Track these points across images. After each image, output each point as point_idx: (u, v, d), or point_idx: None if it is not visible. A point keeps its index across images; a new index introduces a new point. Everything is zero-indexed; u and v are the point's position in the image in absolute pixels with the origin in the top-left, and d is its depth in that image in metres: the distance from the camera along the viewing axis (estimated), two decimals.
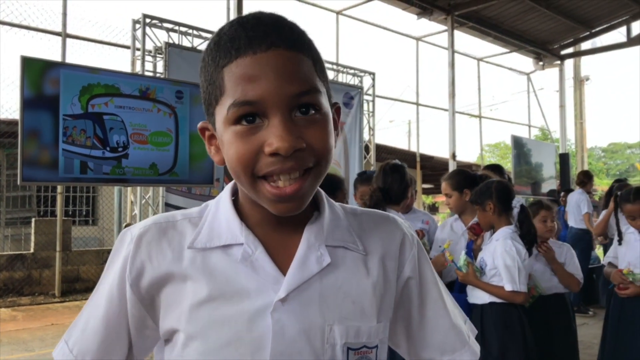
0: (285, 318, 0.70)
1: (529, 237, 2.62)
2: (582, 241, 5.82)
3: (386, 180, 2.71)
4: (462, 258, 2.63)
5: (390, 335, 0.82)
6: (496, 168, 3.92)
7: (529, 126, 14.39)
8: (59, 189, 7.34)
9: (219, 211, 0.78)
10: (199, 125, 0.79)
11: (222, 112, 0.70)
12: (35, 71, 3.73)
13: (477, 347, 0.87)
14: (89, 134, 3.97)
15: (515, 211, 2.66)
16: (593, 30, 12.30)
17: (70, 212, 10.04)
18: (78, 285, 7.55)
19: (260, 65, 0.67)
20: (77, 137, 3.89)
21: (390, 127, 13.37)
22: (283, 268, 0.73)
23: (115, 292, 0.76)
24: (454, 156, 9.92)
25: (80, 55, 7.73)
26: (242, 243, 0.73)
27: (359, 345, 0.74)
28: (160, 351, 0.80)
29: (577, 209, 6.27)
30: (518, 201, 2.66)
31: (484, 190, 2.71)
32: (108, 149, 4.06)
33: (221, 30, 0.71)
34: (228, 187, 0.80)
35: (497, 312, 2.56)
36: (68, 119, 3.87)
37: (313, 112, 0.69)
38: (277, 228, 0.76)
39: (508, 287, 2.50)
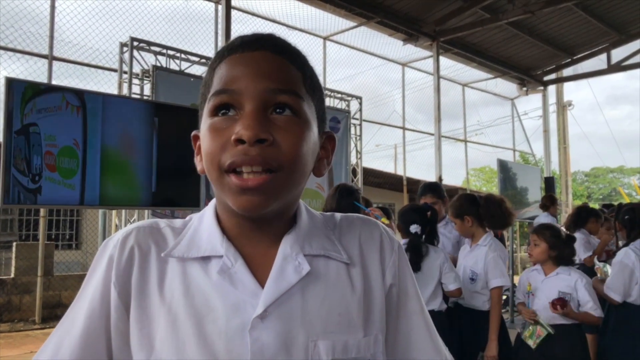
0: (264, 336, 0.65)
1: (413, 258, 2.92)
2: None
3: (340, 203, 2.77)
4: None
5: None
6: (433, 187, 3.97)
7: (514, 150, 14.55)
8: (42, 212, 7.21)
9: (202, 224, 0.75)
10: (192, 133, 0.77)
11: (206, 108, 0.70)
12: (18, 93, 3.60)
13: None
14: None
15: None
16: (574, 57, 12.58)
17: (53, 236, 9.86)
18: (59, 312, 7.36)
19: (245, 60, 0.68)
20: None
21: (377, 150, 13.37)
22: (263, 282, 0.69)
23: (98, 302, 0.70)
24: (440, 180, 9.98)
25: (66, 78, 7.70)
26: (221, 255, 0.70)
27: None
28: None
29: None
30: (414, 228, 2.96)
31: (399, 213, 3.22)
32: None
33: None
34: (213, 202, 0.78)
35: None
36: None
37: (290, 113, 0.67)
38: (256, 241, 0.72)
39: None
